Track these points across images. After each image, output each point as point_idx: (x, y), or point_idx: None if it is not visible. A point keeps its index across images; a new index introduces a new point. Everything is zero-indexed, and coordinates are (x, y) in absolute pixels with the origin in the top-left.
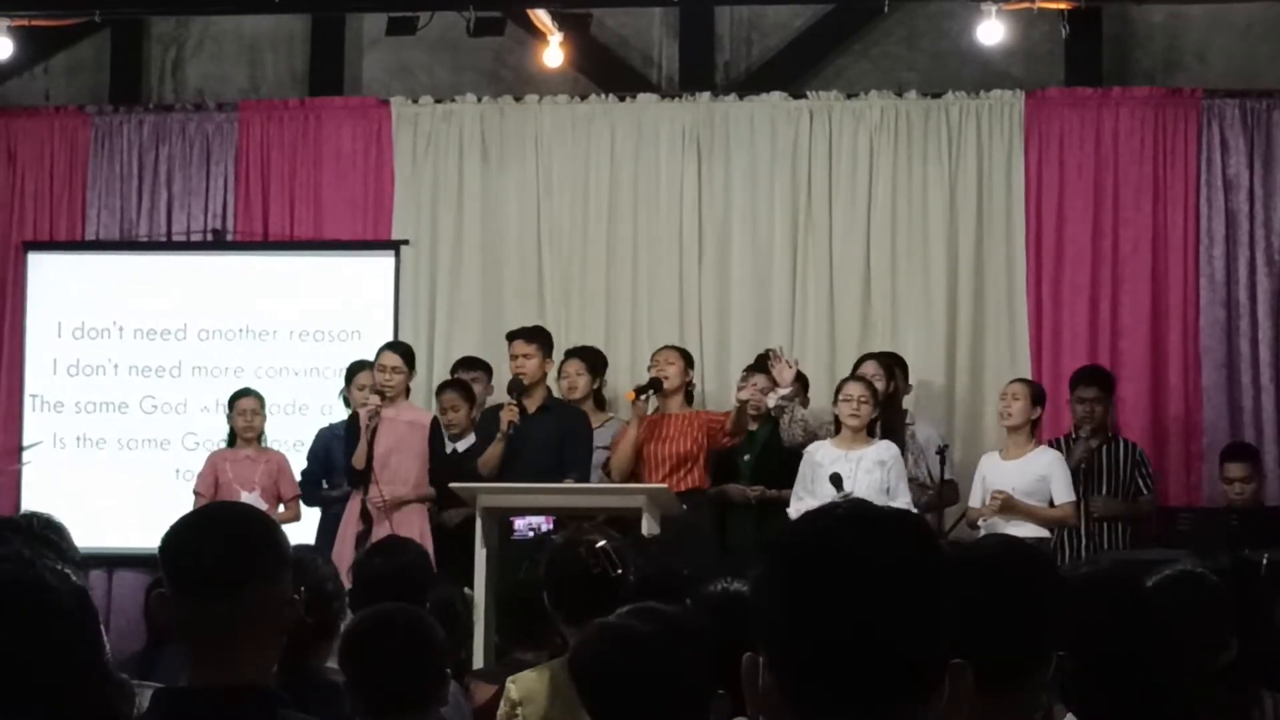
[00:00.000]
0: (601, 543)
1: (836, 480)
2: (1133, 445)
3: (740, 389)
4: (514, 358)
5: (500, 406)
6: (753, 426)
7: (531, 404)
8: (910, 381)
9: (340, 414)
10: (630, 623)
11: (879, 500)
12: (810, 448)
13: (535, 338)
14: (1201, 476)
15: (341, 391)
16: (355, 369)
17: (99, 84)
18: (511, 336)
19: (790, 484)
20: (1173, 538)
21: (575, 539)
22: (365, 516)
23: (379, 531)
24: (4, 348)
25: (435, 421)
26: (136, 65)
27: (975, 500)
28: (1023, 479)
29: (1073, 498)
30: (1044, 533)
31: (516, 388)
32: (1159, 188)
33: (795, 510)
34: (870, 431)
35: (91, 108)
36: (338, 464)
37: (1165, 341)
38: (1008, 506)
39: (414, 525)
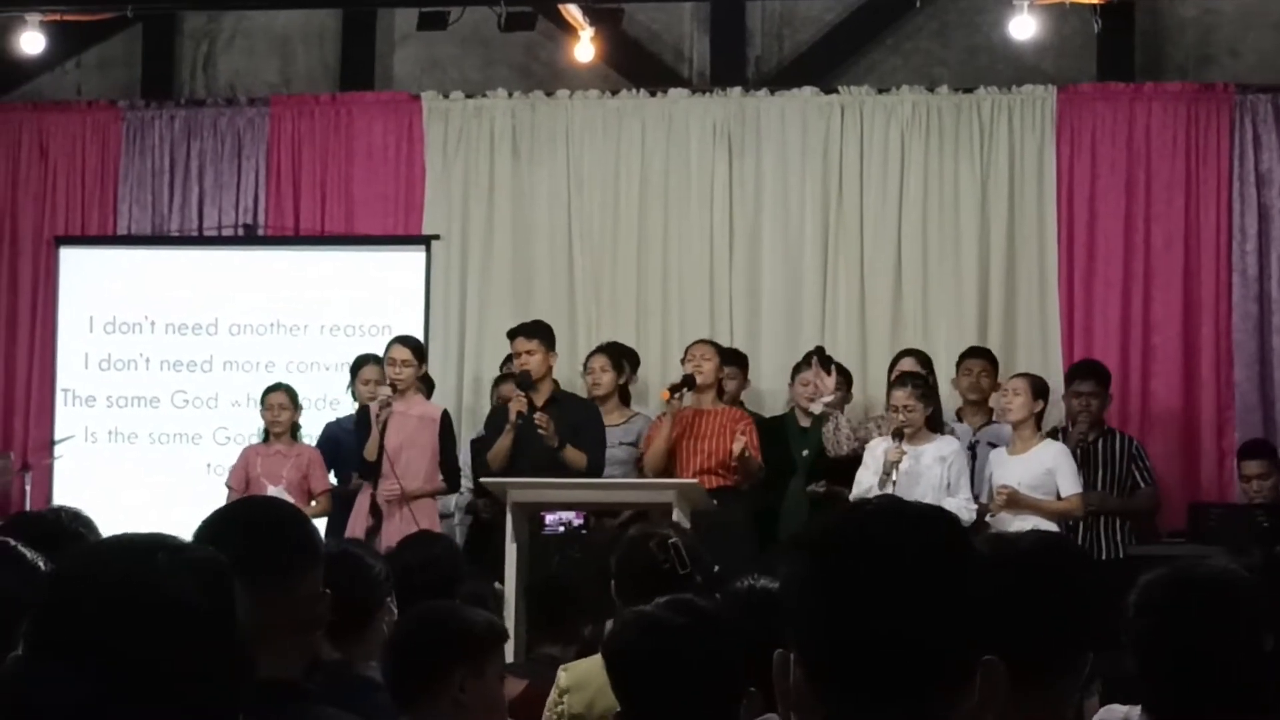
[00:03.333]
0: (674, 539)
1: (899, 434)
2: (1129, 439)
3: (795, 386)
4: (517, 355)
5: (507, 402)
6: (805, 423)
7: (539, 398)
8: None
9: (348, 408)
10: (664, 613)
11: (938, 497)
12: (872, 442)
13: (536, 333)
14: (1233, 473)
15: (348, 385)
16: (360, 363)
17: (130, 79)
18: (513, 334)
19: (846, 480)
20: (1203, 534)
21: (648, 532)
22: (375, 510)
23: (389, 526)
24: (36, 342)
25: (445, 415)
26: (168, 60)
27: (983, 496)
28: (1029, 473)
29: (1079, 489)
30: (1051, 526)
31: (525, 381)
32: (1191, 183)
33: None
34: (934, 426)
35: (123, 102)
36: (346, 458)
37: (1197, 337)
38: (1013, 501)
39: (424, 520)
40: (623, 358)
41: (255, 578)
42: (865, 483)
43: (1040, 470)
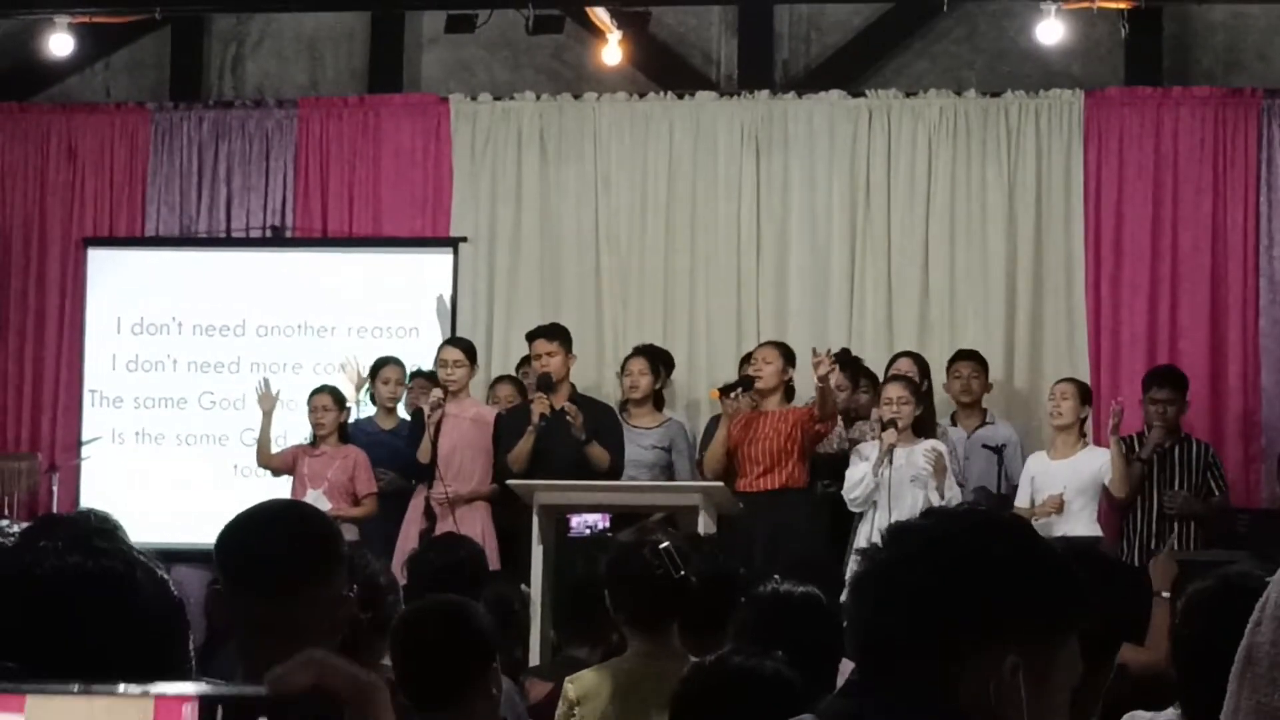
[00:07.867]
0: (665, 544)
1: (892, 423)
2: (1205, 446)
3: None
4: (537, 356)
5: (527, 403)
6: None
7: (558, 400)
8: (990, 380)
9: (368, 410)
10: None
11: (928, 492)
12: (860, 446)
13: (556, 335)
14: (1260, 478)
15: (368, 388)
16: (380, 364)
17: (159, 81)
18: (532, 336)
19: None
20: (1231, 539)
21: (639, 539)
22: (429, 513)
23: (443, 528)
24: (64, 343)
25: (500, 417)
26: (196, 62)
27: (1024, 500)
28: (1076, 477)
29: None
30: (1096, 531)
31: (545, 383)
32: (1219, 187)
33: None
34: (918, 430)
35: (152, 104)
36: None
37: (1224, 341)
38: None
39: (477, 522)
40: (659, 361)
41: (282, 579)
42: (857, 475)
43: (1088, 474)
